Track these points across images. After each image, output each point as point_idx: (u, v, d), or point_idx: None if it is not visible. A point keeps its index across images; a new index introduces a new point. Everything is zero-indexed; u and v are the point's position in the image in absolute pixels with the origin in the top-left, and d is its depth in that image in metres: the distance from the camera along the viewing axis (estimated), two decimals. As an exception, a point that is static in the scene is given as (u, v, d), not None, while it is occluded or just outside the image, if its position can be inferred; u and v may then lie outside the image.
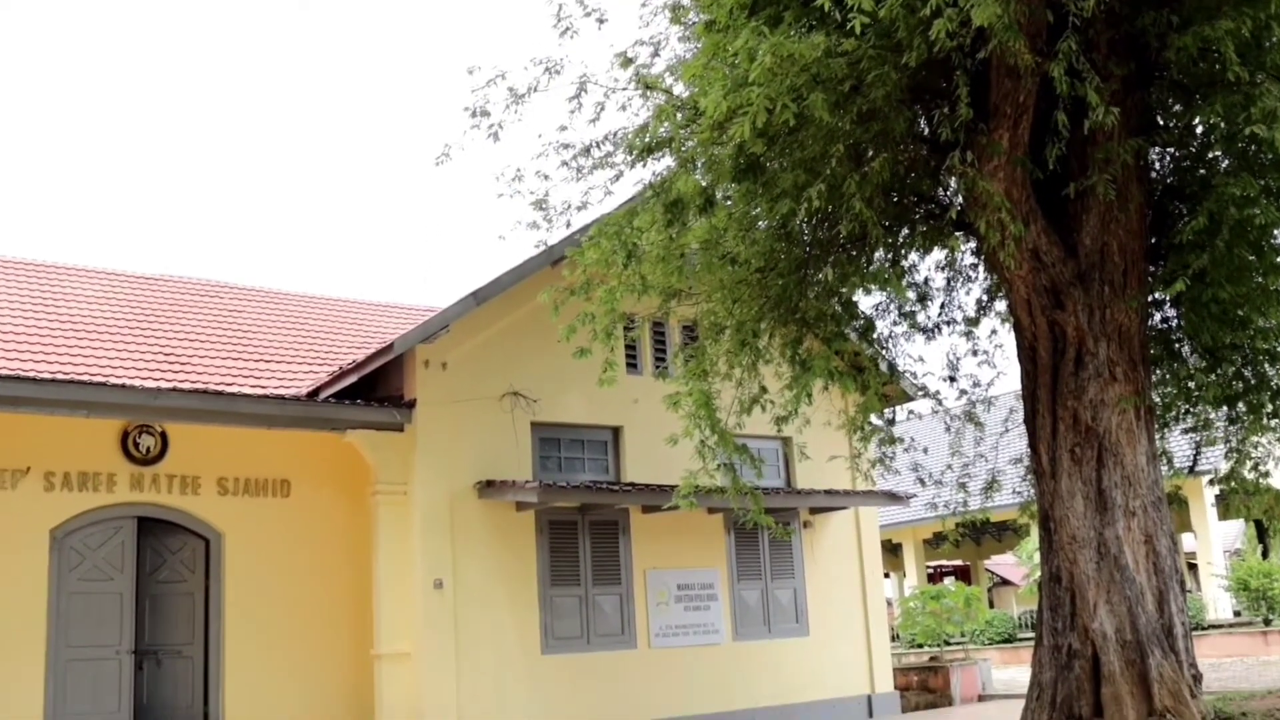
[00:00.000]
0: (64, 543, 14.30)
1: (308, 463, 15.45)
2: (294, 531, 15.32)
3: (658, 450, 13.72)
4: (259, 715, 14.63)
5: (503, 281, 14.34)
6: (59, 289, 17.77)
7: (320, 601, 15.29)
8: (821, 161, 8.30)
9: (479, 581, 14.24)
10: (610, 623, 15.22)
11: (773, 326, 10.32)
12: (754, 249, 9.57)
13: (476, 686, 13.93)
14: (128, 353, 15.50)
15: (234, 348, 16.80)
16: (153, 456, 14.73)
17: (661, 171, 9.90)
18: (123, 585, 14.70)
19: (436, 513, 14.12)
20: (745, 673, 16.12)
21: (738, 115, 7.87)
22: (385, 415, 14.25)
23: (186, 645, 15.02)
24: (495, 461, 14.54)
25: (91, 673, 14.24)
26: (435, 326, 14.10)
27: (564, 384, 15.05)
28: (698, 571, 16.04)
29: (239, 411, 13.90)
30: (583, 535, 15.18)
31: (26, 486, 14.01)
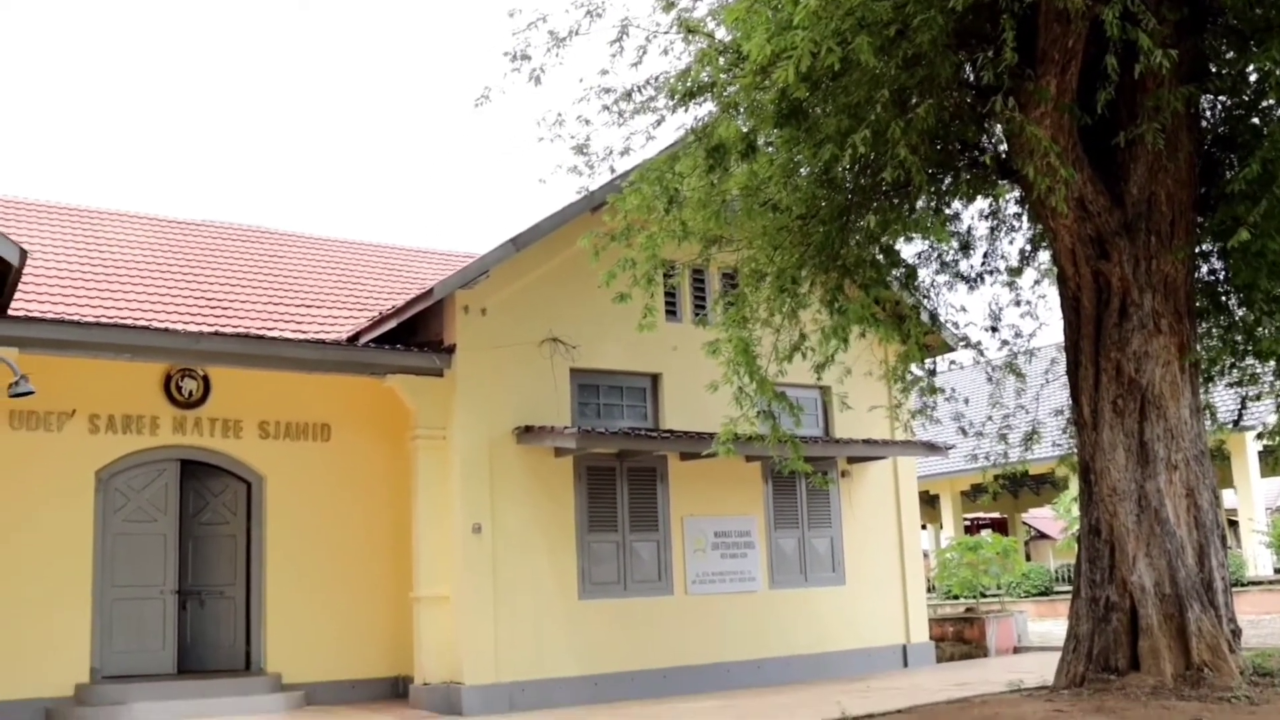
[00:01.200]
0: (109, 484, 14.51)
1: (348, 407, 15.57)
2: (334, 475, 15.48)
3: (696, 397, 13.71)
4: (300, 655, 14.85)
5: (542, 227, 14.32)
6: (104, 234, 17.91)
7: (360, 545, 15.46)
8: (866, 107, 8.21)
9: (517, 526, 14.33)
10: (647, 569, 15.29)
11: (813, 274, 10.26)
12: (796, 195, 9.50)
13: (514, 630, 14.06)
14: (171, 297, 15.63)
15: (275, 293, 16.91)
16: (195, 400, 14.89)
17: (703, 117, 9.82)
18: (166, 527, 14.92)
19: (475, 458, 14.20)
20: (781, 621, 16.18)
21: (781, 59, 7.79)
22: (425, 360, 14.31)
23: (228, 586, 15.25)
24: (534, 407, 14.58)
25: (136, 612, 14.49)
26: (475, 272, 14.11)
27: (603, 330, 15.05)
28: (735, 519, 16.08)
29: (280, 355, 14.00)
30: (621, 482, 15.23)
31: (72, 429, 14.21)
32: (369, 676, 15.18)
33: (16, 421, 13.82)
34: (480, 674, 13.69)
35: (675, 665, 15.04)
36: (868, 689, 14.33)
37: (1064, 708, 9.05)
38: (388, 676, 15.25)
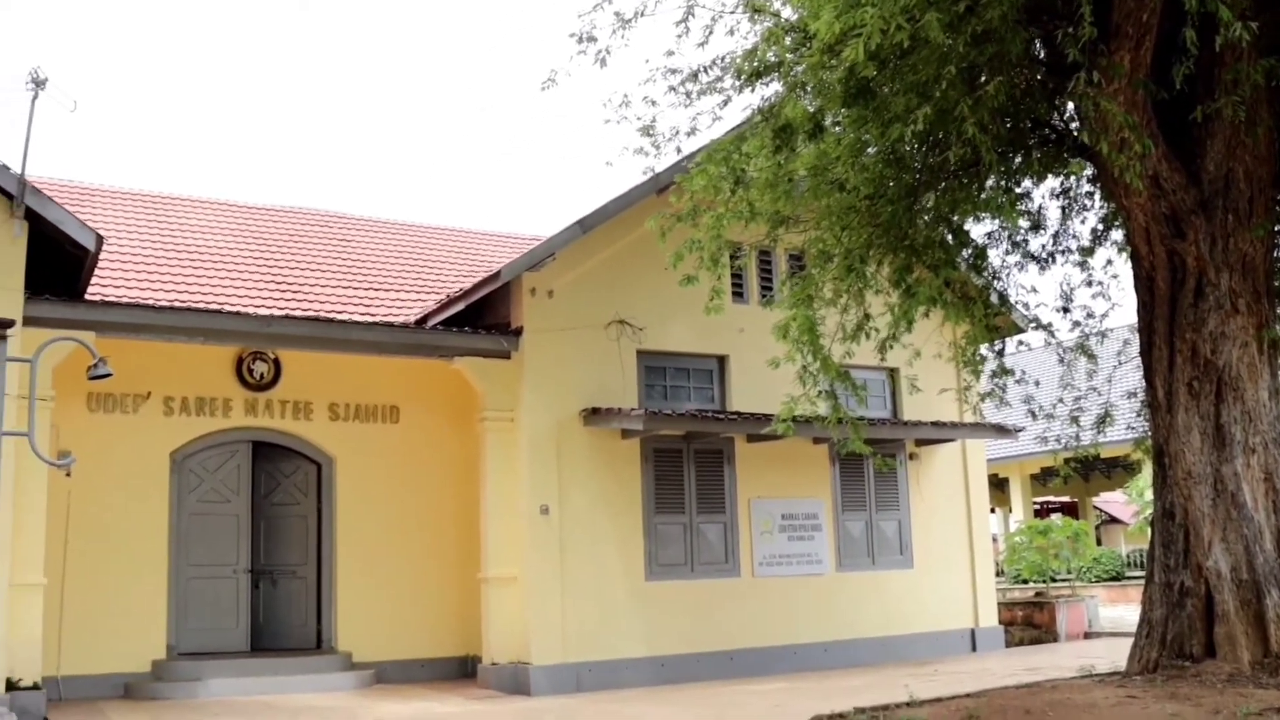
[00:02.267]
0: (183, 465, 14.76)
1: (417, 389, 15.71)
2: (403, 457, 15.64)
3: (763, 379, 13.66)
4: (369, 634, 15.04)
5: (609, 209, 14.32)
6: (178, 220, 18.17)
7: (428, 525, 15.62)
8: (935, 85, 8.09)
9: (584, 508, 14.38)
10: (714, 551, 15.29)
11: (881, 254, 10.17)
12: (863, 175, 9.40)
13: (581, 611, 14.12)
14: (243, 281, 15.83)
15: (345, 276, 17.07)
16: (267, 382, 15.10)
17: (770, 96, 9.75)
18: (239, 507, 15.16)
19: (543, 439, 14.26)
20: (849, 603, 16.12)
21: (849, 37, 7.70)
22: (493, 342, 14.39)
23: (300, 566, 15.47)
24: (601, 389, 14.61)
25: (211, 591, 14.75)
26: (542, 254, 14.15)
27: (670, 312, 15.04)
28: (802, 501, 16.02)
29: (350, 338, 14.15)
30: (687, 463, 15.22)
31: (147, 411, 14.47)
32: (437, 656, 15.34)
33: (94, 404, 14.10)
34: (548, 654, 13.77)
35: (742, 647, 15.05)
36: (935, 672, 14.25)
37: (1137, 694, 8.91)
38: (456, 656, 15.40)
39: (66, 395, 13.21)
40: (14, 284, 11.99)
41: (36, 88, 11.20)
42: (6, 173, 11.73)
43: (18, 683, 11.67)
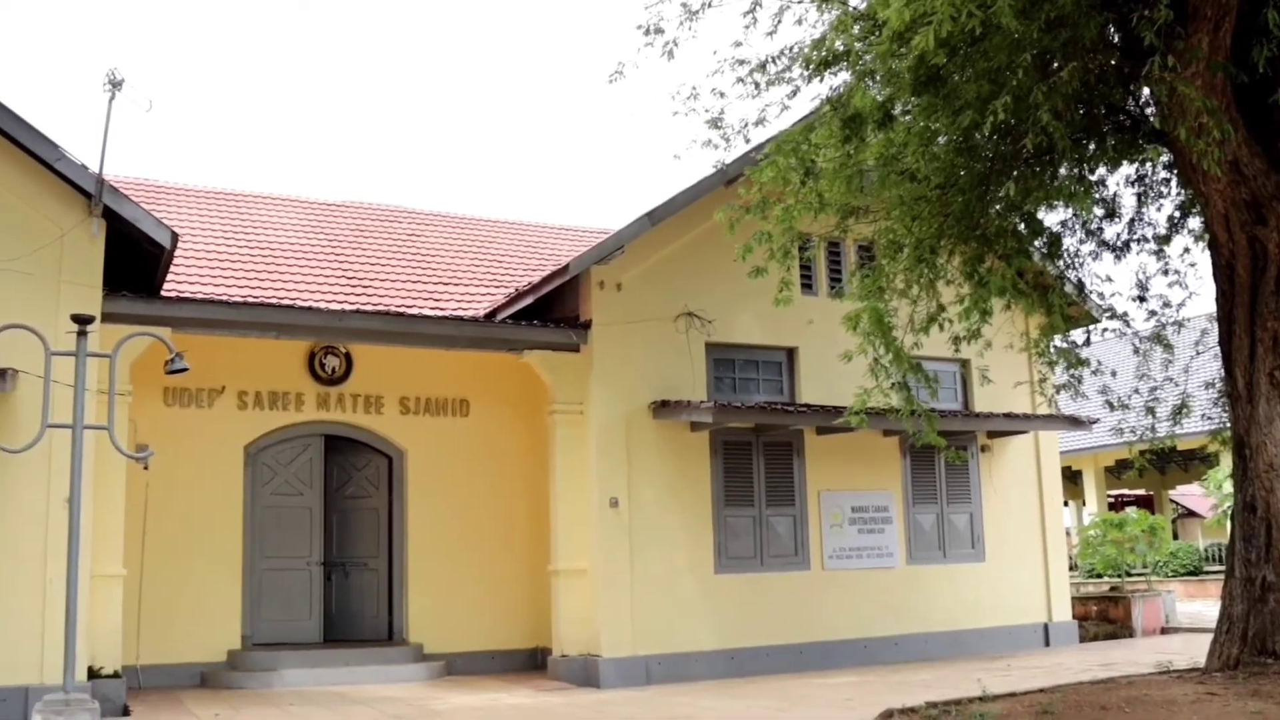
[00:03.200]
0: (257, 459, 14.96)
1: (486, 383, 15.81)
2: (473, 450, 15.74)
3: (833, 371, 13.59)
4: (440, 626, 15.17)
5: (677, 201, 14.30)
6: (251, 217, 18.41)
7: (498, 518, 15.71)
8: (1007, 72, 8.00)
9: (653, 501, 14.38)
10: (783, 544, 15.23)
11: (952, 244, 10.06)
12: (934, 164, 9.31)
13: (650, 604, 14.13)
14: (315, 277, 16.01)
15: (415, 271, 17.21)
16: (338, 376, 15.26)
17: (839, 86, 9.67)
18: (312, 500, 15.34)
19: (612, 432, 14.28)
20: (919, 597, 15.99)
21: (919, 25, 7.62)
22: (561, 336, 14.43)
23: (371, 558, 15.63)
24: (670, 382, 14.61)
25: (284, 582, 14.95)
26: (610, 248, 14.16)
27: (738, 305, 15.00)
28: (872, 494, 15.92)
29: (420, 332, 14.26)
30: (757, 456, 15.18)
31: (222, 405, 14.70)
32: (507, 648, 15.43)
33: (170, 398, 14.33)
34: (617, 646, 13.80)
35: (811, 641, 14.98)
36: (1008, 667, 14.09)
37: (1217, 690, 8.76)
38: (526, 648, 15.48)
39: (143, 390, 13.44)
40: (93, 281, 12.21)
41: (114, 89, 11.35)
42: (85, 172, 11.94)
43: (99, 671, 11.91)
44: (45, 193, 12.15)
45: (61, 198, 12.18)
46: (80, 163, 11.92)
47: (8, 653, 11.29)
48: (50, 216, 12.16)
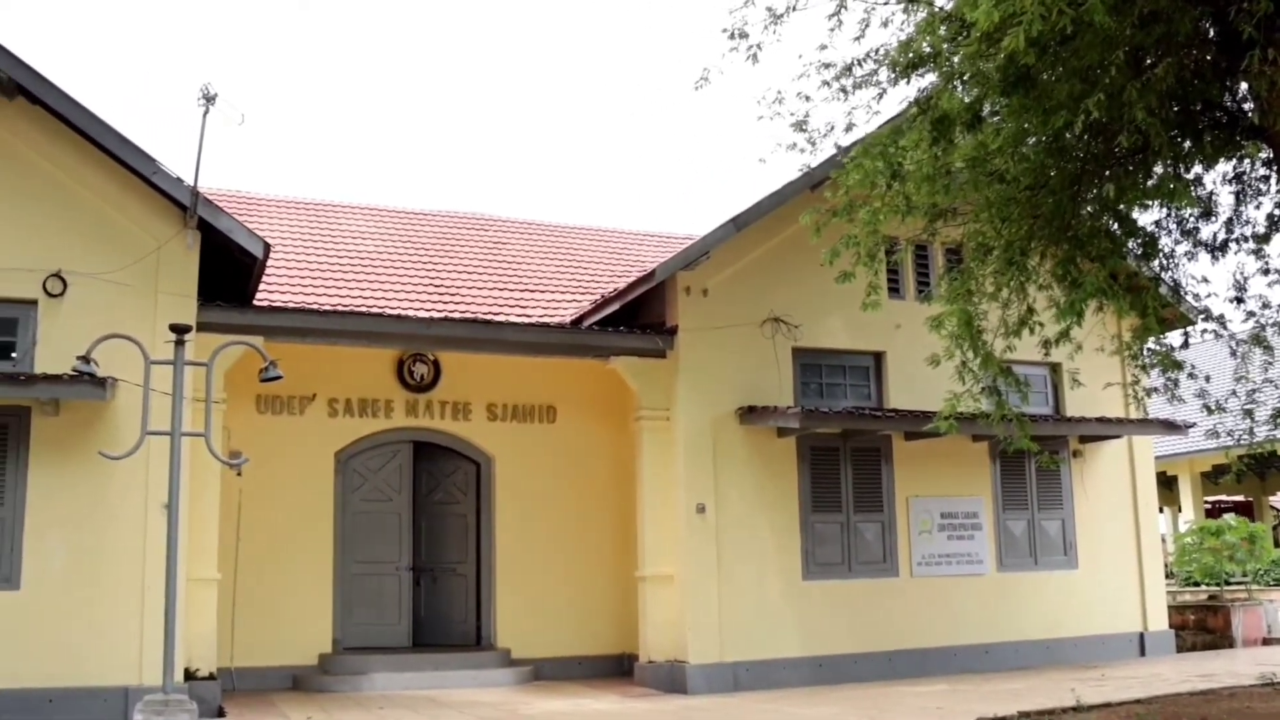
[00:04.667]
0: (347, 465, 15.16)
1: (572, 389, 15.88)
2: (560, 455, 15.82)
3: (921, 376, 13.46)
4: (528, 632, 15.25)
5: (762, 206, 14.26)
6: (339, 226, 18.68)
7: (585, 524, 15.77)
8: (1099, 70, 7.86)
9: (740, 507, 14.34)
10: (872, 550, 15.10)
11: (1043, 246, 9.91)
12: (1023, 165, 9.18)
13: (738, 610, 14.08)
14: (403, 285, 16.19)
15: (502, 278, 17.33)
16: (426, 384, 15.42)
17: (926, 88, 9.57)
18: (401, 505, 15.51)
19: (698, 438, 14.27)
20: (1010, 605, 15.76)
21: (1008, 25, 7.52)
22: (648, 342, 14.45)
23: (460, 564, 15.76)
24: (756, 387, 14.56)
25: (374, 587, 15.13)
26: (696, 253, 14.16)
27: (825, 309, 14.92)
28: (961, 500, 15.73)
29: (507, 339, 14.36)
30: (844, 462, 15.07)
31: (313, 412, 14.93)
32: (595, 653, 15.47)
33: (263, 405, 14.59)
34: (705, 653, 13.77)
35: (900, 648, 14.84)
36: (1103, 677, 13.86)
37: (1322, 700, 8.54)
38: (613, 654, 15.51)
39: (237, 398, 13.69)
40: (188, 291, 12.47)
41: (207, 104, 11.59)
42: (180, 185, 12.20)
43: (195, 673, 12.16)
44: (142, 206, 12.44)
45: (158, 211, 12.46)
46: (176, 176, 12.18)
47: (108, 654, 11.57)
48: (147, 229, 12.45)
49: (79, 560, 11.72)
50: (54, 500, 11.75)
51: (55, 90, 11.84)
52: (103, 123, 11.97)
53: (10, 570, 11.57)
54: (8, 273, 11.96)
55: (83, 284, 12.12)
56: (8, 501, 11.68)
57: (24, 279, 12.00)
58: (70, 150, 12.29)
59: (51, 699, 11.34)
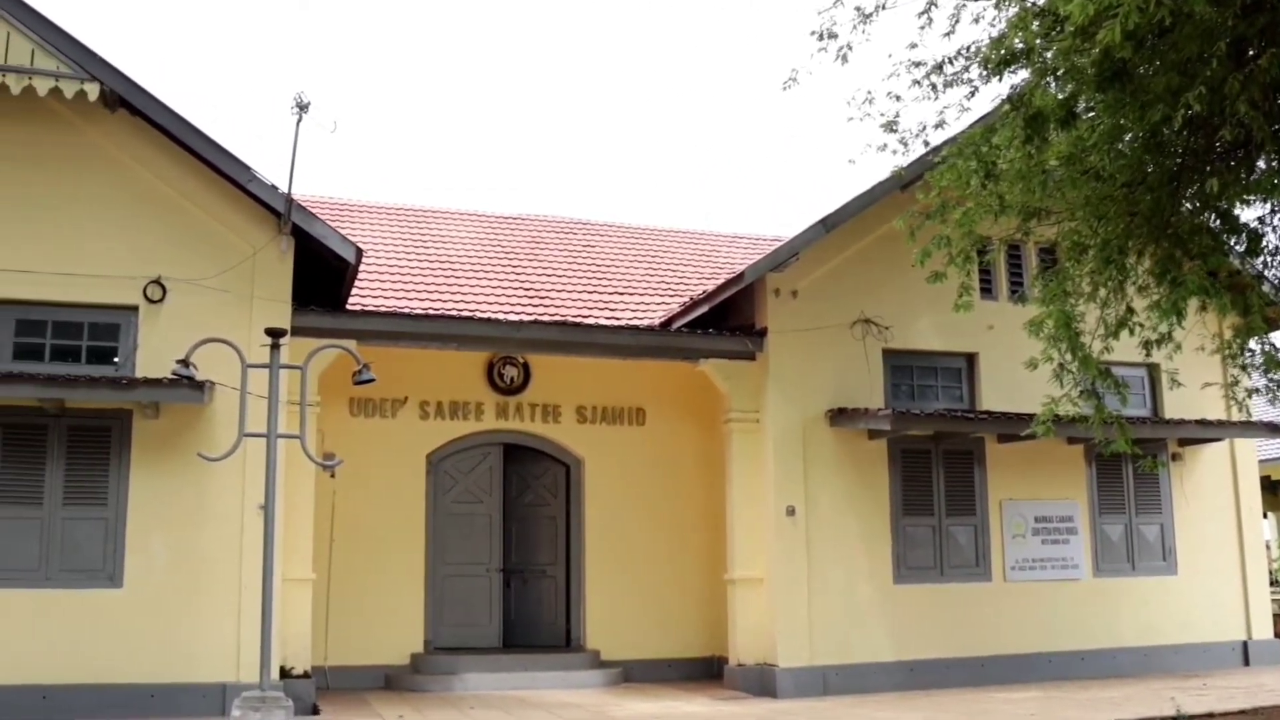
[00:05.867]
0: (439, 467, 15.31)
1: (662, 391, 15.88)
2: (649, 458, 15.83)
3: (1014, 378, 13.28)
4: (617, 633, 15.28)
5: (852, 207, 14.16)
6: (429, 231, 18.88)
7: (675, 526, 15.76)
8: (1199, 62, 7.67)
9: (830, 509, 14.24)
10: (964, 554, 14.91)
11: (1141, 244, 9.70)
12: (1120, 162, 8.99)
13: (828, 613, 13.98)
14: (492, 289, 16.32)
15: (590, 281, 17.39)
16: (516, 386, 15.52)
17: (1019, 85, 9.43)
18: (491, 507, 15.62)
19: (788, 441, 14.19)
20: (1107, 611, 15.45)
21: (1104, 19, 7.37)
22: (737, 344, 14.42)
23: (550, 565, 15.83)
24: (846, 389, 14.45)
25: (465, 588, 15.26)
26: (785, 255, 14.09)
27: (916, 310, 14.78)
28: (1056, 504, 15.46)
29: (596, 342, 14.41)
30: (936, 464, 14.90)
31: (404, 415, 15.11)
32: (684, 656, 15.46)
33: (356, 408, 14.78)
34: (794, 656, 13.70)
35: (993, 654, 14.62)
36: (1204, 686, 13.55)
37: None
38: (702, 656, 15.47)
39: (330, 401, 13.90)
40: (283, 296, 12.70)
41: (300, 111, 11.80)
42: (275, 193, 12.42)
43: (290, 671, 12.37)
44: (238, 213, 12.70)
45: (253, 218, 12.71)
46: (270, 183, 12.42)
47: (207, 651, 11.83)
48: (243, 236, 12.70)
49: (179, 560, 11.99)
50: (155, 501, 12.03)
51: (155, 102, 12.14)
52: (200, 133, 12.24)
53: (114, 569, 11.88)
54: (110, 280, 12.29)
55: (181, 290, 12.40)
56: (111, 503, 11.99)
57: (125, 286, 12.33)
58: (169, 160, 12.60)
59: (153, 694, 11.61)
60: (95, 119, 12.47)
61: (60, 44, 11.75)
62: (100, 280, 12.27)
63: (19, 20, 11.69)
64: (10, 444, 11.91)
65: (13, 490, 11.83)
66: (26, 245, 12.16)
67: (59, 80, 11.74)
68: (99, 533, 11.93)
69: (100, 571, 11.88)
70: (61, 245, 12.25)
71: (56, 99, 12.07)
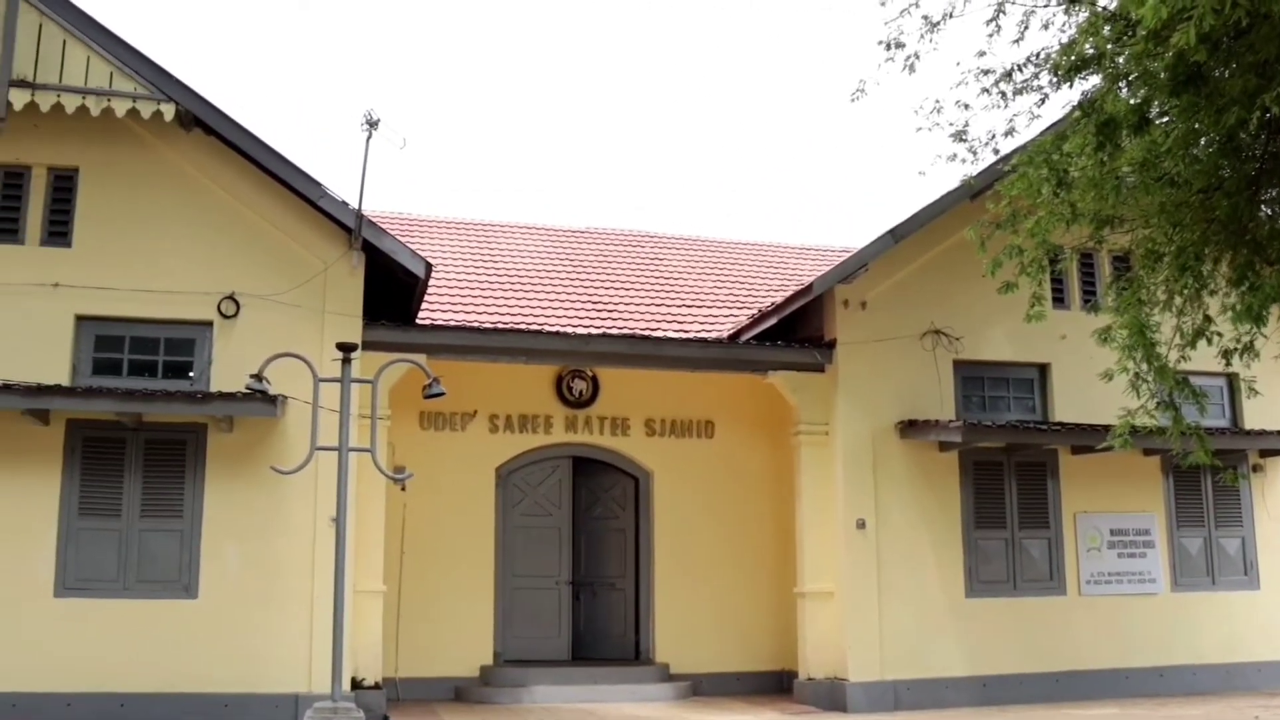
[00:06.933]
0: (508, 480, 15.36)
1: (730, 404, 15.83)
2: (718, 471, 15.78)
3: (1088, 388, 13.09)
4: (686, 647, 15.22)
5: (921, 217, 14.05)
6: (497, 245, 18.99)
7: (744, 539, 15.69)
8: (1277, 64, 7.52)
9: (901, 522, 14.11)
10: (1038, 568, 14.70)
11: (1218, 251, 9.51)
12: (1195, 168, 8.83)
13: (899, 627, 13.84)
14: (561, 302, 16.37)
15: (658, 294, 17.40)
16: (585, 399, 15.54)
17: (1090, 91, 9.31)
18: (561, 520, 15.65)
19: (858, 453, 14.10)
20: (1185, 626, 15.14)
21: (1177, 22, 7.26)
22: (806, 356, 14.35)
23: (619, 578, 15.82)
24: (916, 401, 14.33)
25: (534, 601, 15.28)
26: (853, 266, 14.01)
27: (986, 321, 14.62)
28: (1132, 516, 15.19)
29: (664, 355, 14.41)
30: (1008, 477, 14.71)
31: (474, 428, 15.18)
32: (753, 669, 15.37)
33: (426, 422, 14.88)
34: (865, 670, 13.58)
35: (1068, 669, 14.38)
36: (1288, 703, 13.24)
37: None
38: (771, 670, 15.38)
39: (401, 414, 14.00)
40: (354, 311, 12.85)
41: (370, 128, 11.95)
42: (346, 209, 12.58)
43: (361, 682, 12.47)
44: (310, 229, 12.88)
45: (324, 234, 12.88)
46: (341, 200, 12.57)
47: (280, 662, 11.98)
48: (314, 251, 12.87)
49: (252, 571, 12.15)
50: (229, 513, 12.21)
51: (229, 121, 12.36)
52: (272, 150, 12.44)
53: (189, 580, 12.06)
54: (185, 296, 12.52)
55: (255, 305, 12.59)
56: (186, 515, 12.18)
57: (200, 302, 12.55)
58: (243, 177, 12.81)
59: (227, 704, 11.77)
60: (171, 138, 12.72)
61: (137, 66, 12.02)
62: (176, 296, 12.51)
63: (98, 44, 11.99)
64: (90, 457, 12.16)
65: (93, 502, 12.08)
66: (106, 263, 12.45)
67: (136, 101, 12.03)
68: (175, 544, 12.14)
69: (176, 582, 12.07)
70: (139, 262, 12.52)
71: (134, 119, 12.35)
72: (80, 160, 12.66)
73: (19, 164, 12.57)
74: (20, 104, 11.81)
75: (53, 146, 12.57)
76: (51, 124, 12.33)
